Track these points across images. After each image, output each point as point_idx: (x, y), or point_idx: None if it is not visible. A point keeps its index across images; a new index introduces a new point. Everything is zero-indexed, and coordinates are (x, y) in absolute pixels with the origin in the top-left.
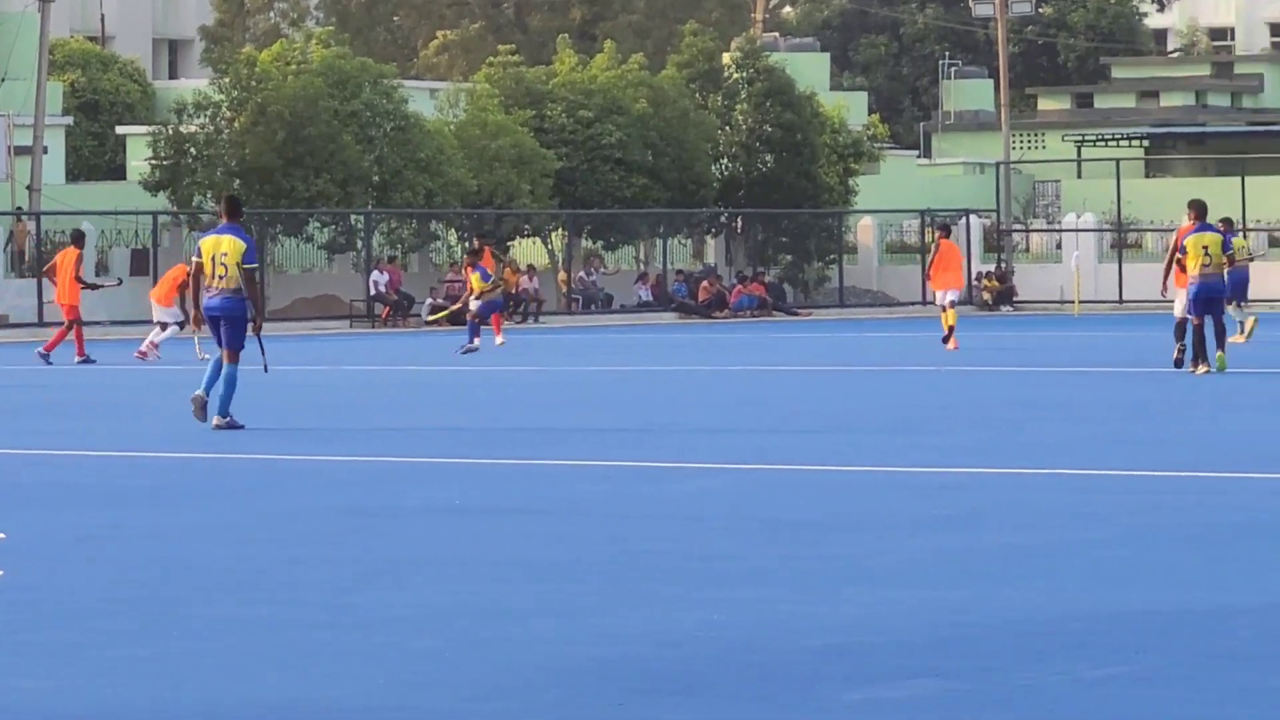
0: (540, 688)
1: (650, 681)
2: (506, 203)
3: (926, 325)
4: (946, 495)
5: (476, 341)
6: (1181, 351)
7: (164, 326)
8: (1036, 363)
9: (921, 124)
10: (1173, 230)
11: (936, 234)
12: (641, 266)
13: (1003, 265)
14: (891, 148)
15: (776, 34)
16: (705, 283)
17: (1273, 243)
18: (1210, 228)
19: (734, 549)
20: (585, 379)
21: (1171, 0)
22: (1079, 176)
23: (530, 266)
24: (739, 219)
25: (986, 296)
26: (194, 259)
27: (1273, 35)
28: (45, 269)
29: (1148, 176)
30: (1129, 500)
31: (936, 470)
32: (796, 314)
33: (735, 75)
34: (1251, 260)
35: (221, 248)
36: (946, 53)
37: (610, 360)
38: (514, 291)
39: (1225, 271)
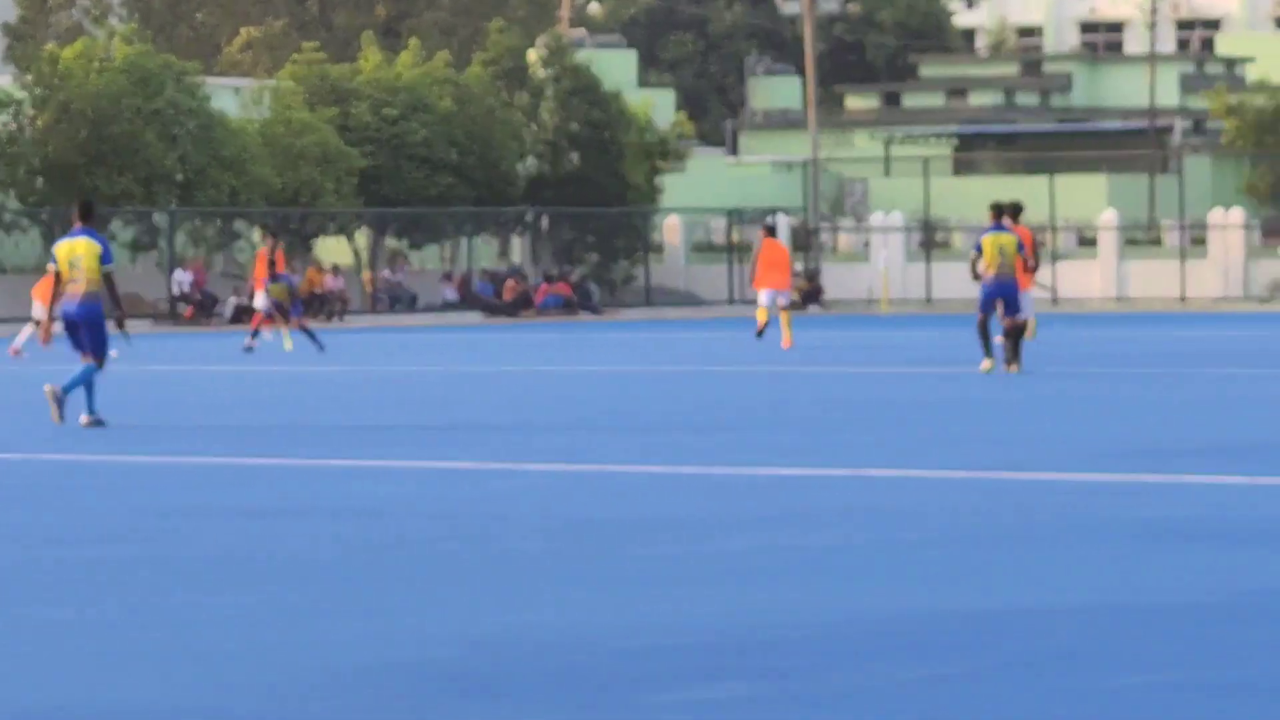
0: (347, 689)
1: (456, 683)
2: (311, 201)
3: (734, 324)
4: (760, 495)
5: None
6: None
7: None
8: (848, 362)
9: (729, 122)
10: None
11: (760, 233)
12: (447, 265)
13: (811, 264)
14: (698, 145)
15: (583, 31)
16: (511, 282)
17: (1082, 241)
18: (1005, 229)
19: (542, 549)
20: (390, 379)
21: None
22: (887, 175)
23: (335, 266)
24: (545, 217)
25: (794, 296)
26: (50, 266)
27: (1082, 34)
28: None
29: (956, 175)
30: (948, 500)
31: (750, 471)
32: (603, 313)
33: (541, 73)
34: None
35: (77, 251)
36: (754, 50)
37: (415, 360)
38: (318, 291)
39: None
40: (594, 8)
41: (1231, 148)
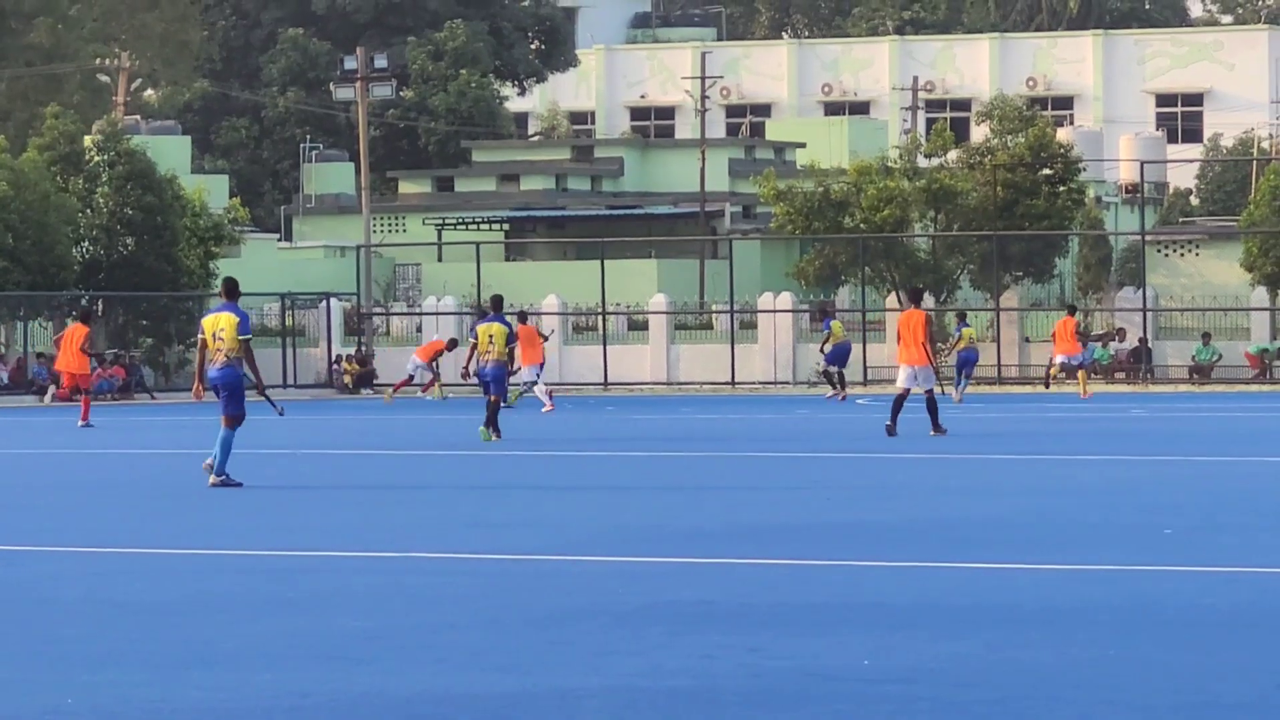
0: None
1: None
2: None
3: (288, 407)
4: (298, 578)
5: None
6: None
7: None
8: (395, 445)
9: (283, 207)
10: (535, 312)
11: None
12: (1, 349)
13: (363, 348)
14: (253, 231)
15: (139, 117)
16: None
17: (633, 326)
18: (501, 319)
19: (84, 632)
20: None
21: (532, 84)
22: (440, 260)
23: None
24: (100, 302)
25: (347, 380)
26: (199, 336)
27: (633, 119)
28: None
29: (508, 259)
30: (480, 583)
31: (289, 553)
32: (156, 397)
33: (97, 158)
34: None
35: (220, 324)
36: (308, 136)
37: None
38: None
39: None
40: (149, 94)
41: (781, 232)
